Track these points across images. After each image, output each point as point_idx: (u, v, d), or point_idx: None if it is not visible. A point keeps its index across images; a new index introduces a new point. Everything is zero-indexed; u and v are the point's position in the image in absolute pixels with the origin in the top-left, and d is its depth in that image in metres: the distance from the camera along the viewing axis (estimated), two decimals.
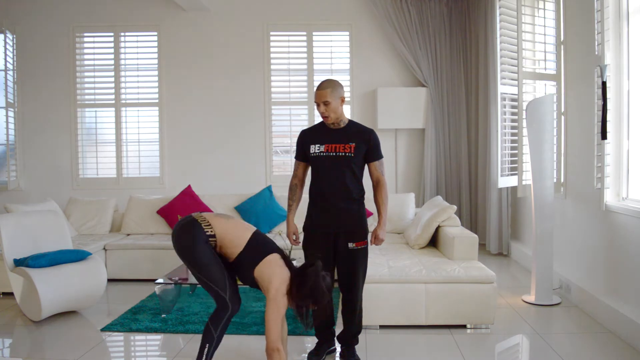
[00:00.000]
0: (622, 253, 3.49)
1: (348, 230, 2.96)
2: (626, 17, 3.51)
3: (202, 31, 6.40)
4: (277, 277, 2.59)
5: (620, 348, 3.24)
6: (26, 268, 3.79)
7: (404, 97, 6.13)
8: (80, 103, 6.52)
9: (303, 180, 3.13)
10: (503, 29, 4.96)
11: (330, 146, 2.93)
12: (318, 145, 2.95)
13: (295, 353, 3.35)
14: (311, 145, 2.98)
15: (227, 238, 2.69)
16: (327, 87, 2.89)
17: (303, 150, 3.05)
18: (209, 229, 2.67)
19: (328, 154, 2.93)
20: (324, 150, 2.94)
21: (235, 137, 6.46)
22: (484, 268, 3.70)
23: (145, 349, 3.60)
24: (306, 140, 3.03)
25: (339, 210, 2.95)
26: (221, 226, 2.70)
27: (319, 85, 2.94)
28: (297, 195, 3.10)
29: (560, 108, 4.44)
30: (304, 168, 3.11)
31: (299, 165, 3.11)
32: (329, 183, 2.95)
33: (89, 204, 5.67)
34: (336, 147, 2.92)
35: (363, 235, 3.00)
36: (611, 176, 3.59)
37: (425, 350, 3.32)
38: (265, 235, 2.84)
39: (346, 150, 2.92)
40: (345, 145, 2.92)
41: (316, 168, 3.00)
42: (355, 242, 2.95)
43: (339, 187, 2.93)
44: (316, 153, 2.96)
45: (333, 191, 2.94)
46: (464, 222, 6.11)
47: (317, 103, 2.92)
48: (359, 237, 2.97)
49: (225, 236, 2.69)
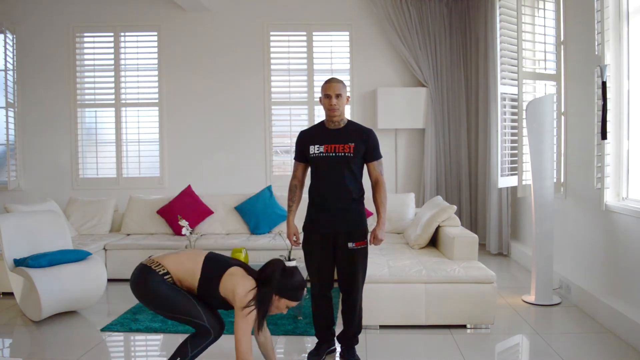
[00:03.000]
0: (622, 253, 3.49)
1: (347, 231, 2.95)
2: (626, 17, 3.51)
3: (202, 31, 6.40)
4: (240, 286, 2.52)
5: (620, 348, 3.24)
6: (26, 268, 3.79)
7: (404, 97, 6.13)
8: (80, 103, 6.52)
9: (303, 181, 3.14)
10: (503, 29, 4.96)
11: (329, 146, 2.94)
12: (317, 146, 2.96)
13: (295, 353, 3.36)
14: (310, 145, 2.98)
15: (181, 270, 2.61)
16: (340, 82, 2.95)
17: (302, 151, 3.05)
18: (160, 268, 2.59)
19: (327, 155, 2.94)
20: (324, 150, 2.94)
21: (235, 137, 6.46)
22: (484, 268, 3.70)
23: (145, 349, 3.60)
24: (305, 141, 3.03)
25: (338, 210, 2.95)
26: (172, 261, 2.64)
27: (330, 79, 2.97)
28: (296, 196, 3.10)
29: (560, 108, 4.44)
30: (304, 169, 3.12)
31: (298, 166, 3.12)
32: (328, 183, 2.96)
33: (89, 204, 5.67)
34: (335, 148, 2.93)
35: (363, 235, 3.00)
36: (611, 176, 3.59)
37: (425, 350, 3.32)
38: (218, 254, 2.77)
39: (345, 150, 2.92)
40: (344, 145, 2.93)
41: (315, 168, 3.01)
42: (354, 242, 2.95)
43: (338, 187, 2.94)
44: (315, 154, 2.96)
45: (332, 191, 2.95)
46: (464, 222, 6.11)
47: (328, 95, 2.93)
48: (358, 237, 2.97)
49: (178, 269, 2.61)
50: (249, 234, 5.42)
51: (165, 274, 2.59)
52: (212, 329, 2.60)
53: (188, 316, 2.58)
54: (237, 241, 5.05)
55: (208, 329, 2.59)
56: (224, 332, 2.71)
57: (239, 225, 5.49)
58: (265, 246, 4.94)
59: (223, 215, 5.51)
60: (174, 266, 2.63)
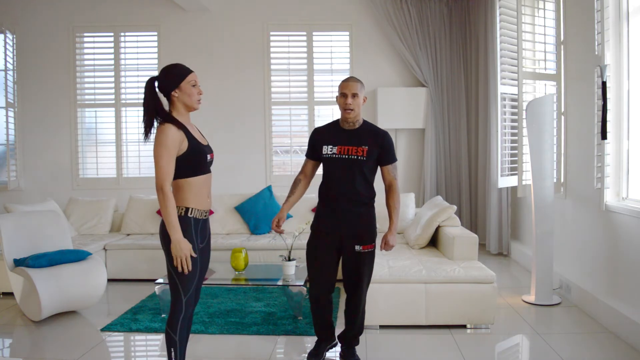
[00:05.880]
0: (622, 253, 3.48)
1: (355, 233, 2.90)
2: (626, 17, 3.51)
3: (202, 31, 6.40)
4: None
5: (620, 348, 3.24)
6: (26, 268, 3.79)
7: (404, 97, 6.13)
8: (80, 103, 6.52)
9: (309, 177, 3.08)
10: (503, 29, 4.96)
11: (342, 148, 2.87)
12: (331, 147, 2.89)
13: (295, 353, 3.36)
14: (324, 145, 2.91)
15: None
16: (358, 82, 2.88)
17: (315, 148, 2.98)
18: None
19: (340, 156, 2.87)
20: (337, 152, 2.87)
21: (235, 137, 6.45)
22: (484, 268, 3.70)
23: (145, 349, 3.60)
24: (319, 140, 2.96)
25: (347, 213, 2.89)
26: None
27: (347, 78, 2.91)
28: (297, 189, 3.03)
29: (560, 108, 4.44)
30: (313, 166, 3.06)
31: (308, 163, 3.06)
32: (339, 185, 2.89)
33: (89, 204, 5.67)
34: (349, 150, 2.86)
35: (371, 238, 2.93)
36: (611, 176, 3.59)
37: (425, 350, 3.32)
38: None
39: (358, 153, 2.85)
40: (358, 148, 2.85)
41: (327, 169, 2.94)
42: (362, 245, 2.89)
43: (349, 190, 2.87)
44: (328, 154, 2.89)
45: (342, 194, 2.88)
46: (464, 222, 6.11)
47: (344, 94, 2.85)
48: (366, 240, 2.91)
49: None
50: (249, 234, 5.42)
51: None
52: (185, 306, 2.49)
53: (180, 279, 2.47)
54: (237, 241, 5.05)
55: (182, 305, 2.48)
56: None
57: (239, 225, 5.49)
58: (265, 246, 4.94)
59: (223, 215, 5.51)
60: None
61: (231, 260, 4.11)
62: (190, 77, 2.55)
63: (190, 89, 2.54)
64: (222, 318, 3.83)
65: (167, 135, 2.44)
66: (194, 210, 2.51)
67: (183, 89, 2.52)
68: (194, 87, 2.55)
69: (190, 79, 2.54)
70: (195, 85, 2.56)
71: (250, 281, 4.00)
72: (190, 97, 2.54)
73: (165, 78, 2.53)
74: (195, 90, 2.55)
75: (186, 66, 2.58)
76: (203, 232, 2.58)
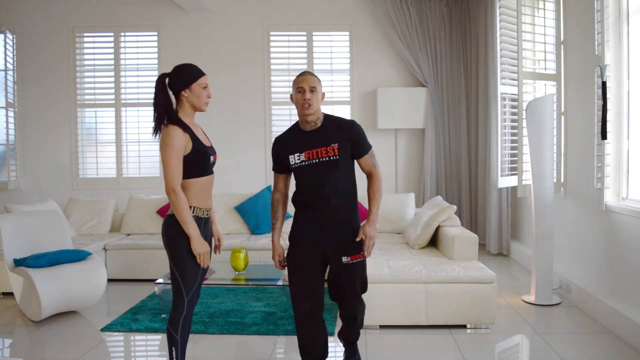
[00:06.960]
0: (622, 253, 3.48)
1: (340, 244, 2.62)
2: (626, 17, 3.51)
3: (202, 31, 6.40)
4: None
5: (620, 348, 3.24)
6: (26, 268, 3.79)
7: (403, 97, 6.12)
8: (80, 103, 6.52)
9: (286, 193, 2.80)
10: (503, 29, 4.96)
11: (310, 153, 2.58)
12: (297, 155, 2.60)
13: (295, 353, 3.35)
14: (289, 155, 2.62)
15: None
16: (314, 76, 2.62)
17: (281, 161, 2.69)
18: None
19: (310, 162, 2.58)
20: (305, 158, 2.59)
21: (235, 137, 6.45)
22: (484, 268, 3.70)
23: (145, 349, 3.60)
24: (282, 150, 2.67)
25: (329, 220, 2.62)
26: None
27: (302, 72, 2.64)
28: (280, 213, 2.76)
29: (560, 108, 4.44)
30: (285, 180, 2.77)
31: (279, 178, 2.76)
32: (315, 193, 2.61)
33: (89, 204, 5.67)
34: (318, 153, 2.57)
35: (358, 246, 2.63)
36: (611, 176, 3.59)
37: (425, 350, 3.32)
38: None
39: (329, 153, 2.57)
40: (327, 148, 2.57)
41: (299, 178, 2.66)
42: (349, 256, 2.61)
43: (327, 195, 2.59)
44: (297, 164, 2.60)
45: (320, 201, 2.60)
46: (464, 222, 6.11)
47: (301, 89, 2.57)
48: (353, 250, 2.62)
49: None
50: (249, 234, 5.42)
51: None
52: (186, 307, 2.52)
53: (183, 279, 2.50)
54: (237, 241, 5.05)
55: (184, 305, 2.51)
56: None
57: (239, 225, 5.49)
58: (265, 246, 4.94)
59: (223, 215, 5.51)
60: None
61: (231, 260, 4.12)
62: (202, 80, 2.55)
63: (200, 91, 2.54)
64: (222, 318, 3.84)
65: (174, 138, 2.46)
66: (197, 209, 2.54)
67: (193, 90, 2.53)
68: (204, 90, 2.56)
69: (202, 82, 2.55)
70: (205, 87, 2.56)
71: (250, 281, 4.00)
72: (199, 99, 2.55)
73: (177, 77, 2.54)
74: (205, 93, 2.56)
75: (199, 68, 2.58)
76: (205, 231, 2.60)
